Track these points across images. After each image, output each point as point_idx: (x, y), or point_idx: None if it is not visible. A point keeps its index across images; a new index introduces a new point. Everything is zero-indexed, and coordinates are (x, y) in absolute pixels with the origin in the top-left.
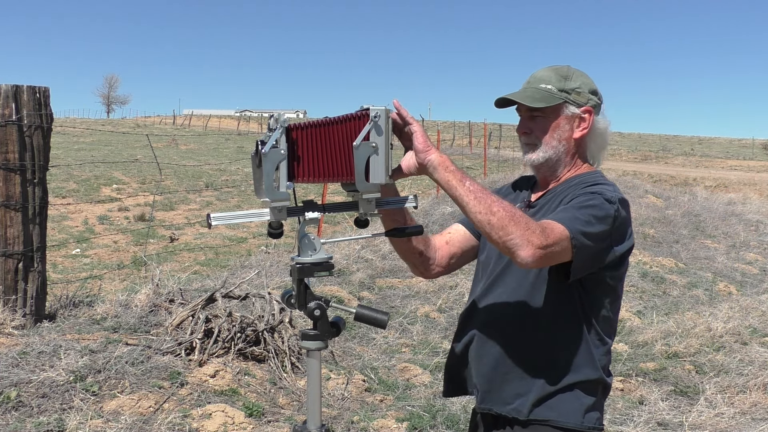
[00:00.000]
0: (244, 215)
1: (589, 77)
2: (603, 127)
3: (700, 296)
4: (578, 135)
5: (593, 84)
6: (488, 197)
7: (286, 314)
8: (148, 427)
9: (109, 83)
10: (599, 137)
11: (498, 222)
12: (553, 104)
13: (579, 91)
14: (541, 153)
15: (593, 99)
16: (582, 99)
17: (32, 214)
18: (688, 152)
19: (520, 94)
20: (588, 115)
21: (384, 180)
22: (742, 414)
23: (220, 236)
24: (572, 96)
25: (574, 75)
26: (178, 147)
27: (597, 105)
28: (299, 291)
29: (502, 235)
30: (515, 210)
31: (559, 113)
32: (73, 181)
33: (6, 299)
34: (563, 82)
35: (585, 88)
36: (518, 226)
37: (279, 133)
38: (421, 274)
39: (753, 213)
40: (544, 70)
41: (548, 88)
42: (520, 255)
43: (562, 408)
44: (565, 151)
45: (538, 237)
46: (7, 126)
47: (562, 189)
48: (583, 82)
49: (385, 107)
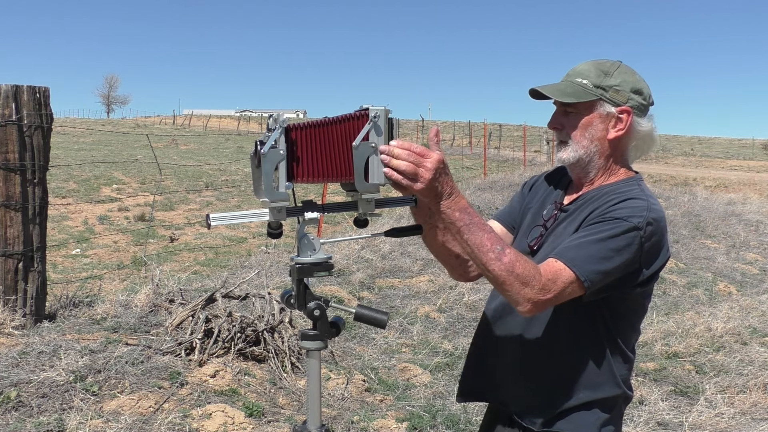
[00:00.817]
0: (243, 215)
1: (636, 75)
2: (646, 130)
3: (700, 296)
4: (613, 136)
5: (639, 83)
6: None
7: (286, 314)
8: (148, 427)
9: (109, 83)
10: (641, 141)
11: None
12: (586, 100)
13: (618, 89)
14: (571, 152)
15: (635, 99)
16: (621, 98)
17: (32, 214)
18: (688, 152)
19: (551, 87)
20: (626, 115)
21: (383, 180)
22: (742, 414)
23: (220, 236)
24: (609, 93)
25: (617, 71)
26: (178, 147)
27: (640, 106)
28: (299, 291)
29: (499, 290)
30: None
31: (592, 110)
32: (73, 181)
33: (6, 299)
34: (602, 78)
35: (626, 87)
36: (512, 285)
37: (278, 133)
38: (460, 276)
39: (753, 213)
40: (586, 63)
41: (583, 82)
42: (518, 309)
43: (579, 422)
44: (598, 153)
45: (535, 293)
46: (7, 126)
47: (593, 197)
48: (624, 79)
49: (384, 107)
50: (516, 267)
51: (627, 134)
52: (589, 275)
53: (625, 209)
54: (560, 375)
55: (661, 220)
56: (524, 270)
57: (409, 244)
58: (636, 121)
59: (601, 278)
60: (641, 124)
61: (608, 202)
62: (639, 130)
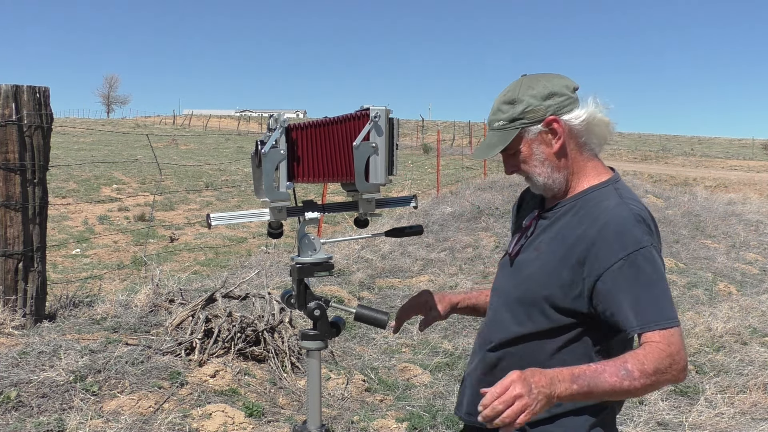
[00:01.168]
0: (244, 215)
1: (542, 80)
2: (584, 117)
3: (700, 296)
4: (557, 148)
5: (548, 86)
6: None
7: (286, 314)
8: (148, 427)
9: (109, 83)
10: (585, 130)
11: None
12: (512, 139)
13: (529, 108)
14: (535, 184)
15: (552, 104)
16: (538, 114)
17: (32, 214)
18: (688, 152)
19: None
20: (555, 124)
21: (384, 180)
22: (742, 414)
23: (220, 236)
24: (526, 118)
25: (520, 93)
26: (178, 147)
27: (561, 104)
28: (299, 291)
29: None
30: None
31: (524, 140)
32: (73, 181)
33: (6, 299)
34: (511, 110)
35: (536, 101)
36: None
37: (279, 133)
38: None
39: (753, 213)
40: (495, 102)
41: (501, 124)
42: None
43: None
44: (555, 169)
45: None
46: (7, 126)
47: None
48: (531, 95)
49: (385, 107)
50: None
51: (568, 137)
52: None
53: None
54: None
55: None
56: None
57: (409, 244)
58: (567, 120)
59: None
60: (575, 118)
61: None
62: (577, 124)
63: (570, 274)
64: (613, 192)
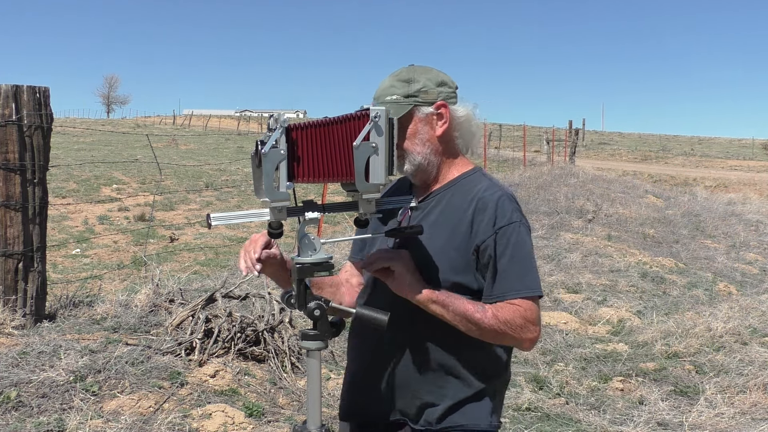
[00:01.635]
0: (244, 215)
1: (433, 70)
2: (464, 114)
3: (700, 296)
4: (440, 132)
5: (439, 76)
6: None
7: (286, 314)
8: (148, 427)
9: (109, 83)
10: (462, 126)
11: (489, 335)
12: (403, 113)
13: (425, 89)
14: (411, 162)
15: (444, 91)
16: (431, 96)
17: (32, 214)
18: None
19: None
20: (444, 109)
21: (384, 180)
22: (742, 414)
23: (220, 236)
24: (420, 97)
25: (416, 75)
26: (178, 147)
27: (450, 94)
28: (299, 291)
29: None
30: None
31: (413, 118)
32: (73, 181)
33: (6, 299)
34: (407, 87)
35: (431, 84)
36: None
37: (279, 133)
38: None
39: (753, 213)
40: (387, 79)
41: (394, 98)
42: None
43: (474, 413)
44: (433, 152)
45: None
46: (7, 126)
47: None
48: (427, 78)
49: (385, 107)
50: (499, 314)
51: (450, 125)
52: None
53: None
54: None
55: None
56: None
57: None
58: (453, 110)
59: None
60: (458, 111)
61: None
62: (458, 116)
63: (457, 254)
64: (483, 177)
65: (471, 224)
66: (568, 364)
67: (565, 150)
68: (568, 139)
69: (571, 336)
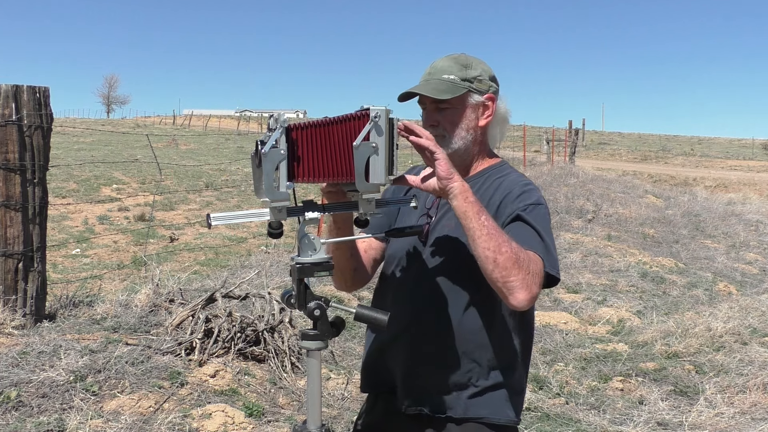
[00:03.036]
0: (244, 215)
1: (486, 64)
2: (504, 112)
3: (699, 296)
4: (483, 123)
5: (491, 70)
6: (500, 236)
7: (286, 314)
8: (148, 427)
9: (109, 83)
10: (502, 122)
11: (503, 263)
12: (459, 94)
13: (480, 78)
14: (451, 144)
15: (493, 85)
16: (484, 86)
17: (32, 214)
18: (688, 152)
19: (425, 87)
20: (491, 102)
21: (384, 180)
22: (741, 414)
23: (220, 236)
24: (475, 84)
25: (474, 63)
26: (178, 147)
27: (497, 90)
28: (299, 291)
29: (505, 275)
30: (521, 253)
31: (464, 103)
32: (73, 181)
33: (6, 299)
34: (465, 71)
35: (485, 75)
36: (521, 269)
37: (279, 133)
38: (348, 288)
39: (753, 213)
40: (444, 59)
41: (451, 78)
42: (517, 297)
43: (493, 404)
44: (473, 141)
45: (536, 284)
46: (7, 126)
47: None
48: (482, 69)
49: (385, 107)
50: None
51: (493, 119)
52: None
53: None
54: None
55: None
56: (527, 259)
57: None
58: (497, 105)
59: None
60: (500, 107)
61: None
62: (500, 112)
63: None
64: (511, 169)
65: (497, 209)
66: (568, 364)
67: (565, 150)
68: (568, 139)
69: (571, 336)
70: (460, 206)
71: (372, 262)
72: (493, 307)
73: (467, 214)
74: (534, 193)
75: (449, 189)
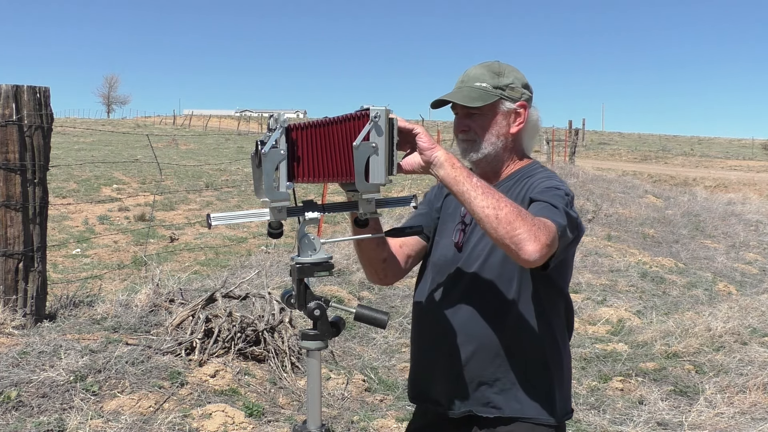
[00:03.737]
0: (244, 215)
1: (519, 71)
2: (536, 118)
3: (699, 296)
4: (515, 130)
5: (524, 78)
6: (496, 193)
7: (286, 314)
8: (148, 427)
9: (109, 83)
10: (533, 129)
11: (505, 217)
12: (490, 102)
13: (513, 86)
14: (480, 150)
15: (526, 93)
16: (516, 94)
17: (32, 214)
18: (688, 152)
19: (456, 94)
20: (523, 109)
21: (384, 180)
22: (741, 414)
23: (220, 236)
24: (507, 92)
25: (506, 71)
26: (178, 147)
27: (530, 98)
28: (299, 291)
29: (510, 230)
30: (520, 207)
31: (496, 110)
32: (73, 181)
33: (6, 299)
34: (497, 79)
35: (518, 83)
36: (525, 221)
37: (279, 133)
38: (380, 281)
39: (753, 213)
40: (477, 67)
41: (483, 86)
42: (527, 250)
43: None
44: (503, 147)
45: (544, 234)
46: (8, 126)
47: (510, 184)
48: (515, 77)
49: (385, 107)
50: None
51: (525, 126)
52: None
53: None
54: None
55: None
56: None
57: None
58: (529, 112)
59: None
60: (533, 115)
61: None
62: (532, 119)
63: None
64: (539, 167)
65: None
66: None
67: (565, 150)
68: (568, 139)
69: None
70: (448, 174)
71: (406, 258)
72: (533, 309)
73: (457, 179)
74: (554, 181)
75: (433, 158)
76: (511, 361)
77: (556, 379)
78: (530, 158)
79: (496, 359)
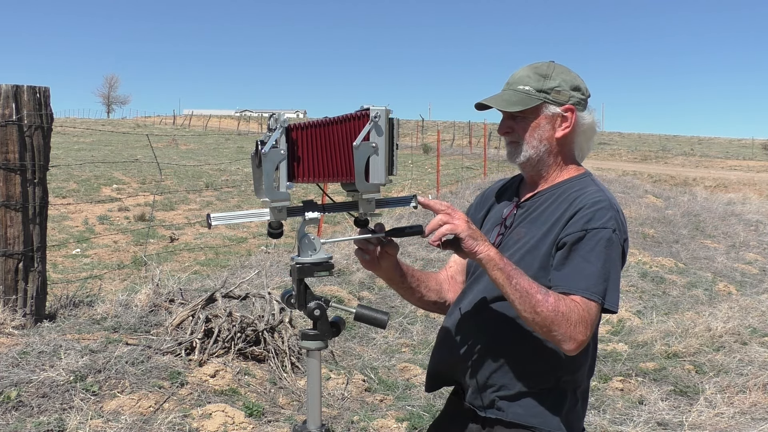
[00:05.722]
0: (244, 215)
1: (572, 73)
2: (589, 122)
3: (699, 296)
4: (560, 134)
5: (576, 80)
6: (533, 296)
7: (286, 314)
8: (148, 427)
9: (109, 83)
10: (585, 134)
11: (542, 321)
12: (531, 106)
13: (559, 89)
14: (522, 152)
15: (575, 96)
16: (562, 98)
17: (32, 214)
18: (687, 152)
19: (496, 98)
20: (570, 113)
21: (384, 180)
22: (741, 414)
23: (220, 236)
24: (552, 95)
25: (554, 72)
26: (178, 147)
27: (580, 101)
28: (299, 291)
29: (546, 332)
30: (560, 304)
31: (539, 113)
32: (73, 181)
33: (6, 299)
34: (542, 82)
35: (566, 86)
36: (561, 324)
37: (279, 133)
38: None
39: (753, 213)
40: (524, 69)
41: (526, 89)
42: (565, 349)
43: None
44: (547, 151)
45: (581, 331)
46: (8, 126)
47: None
48: (563, 79)
49: (385, 107)
50: (560, 306)
51: (573, 131)
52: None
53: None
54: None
55: (619, 208)
56: (566, 310)
57: (409, 244)
58: (579, 116)
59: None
60: (584, 118)
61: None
62: (582, 123)
63: (548, 251)
64: (591, 182)
65: (565, 223)
66: None
67: None
68: None
69: None
70: (489, 275)
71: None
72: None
73: (498, 281)
74: (603, 214)
75: (477, 258)
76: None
77: (570, 397)
78: (581, 166)
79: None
